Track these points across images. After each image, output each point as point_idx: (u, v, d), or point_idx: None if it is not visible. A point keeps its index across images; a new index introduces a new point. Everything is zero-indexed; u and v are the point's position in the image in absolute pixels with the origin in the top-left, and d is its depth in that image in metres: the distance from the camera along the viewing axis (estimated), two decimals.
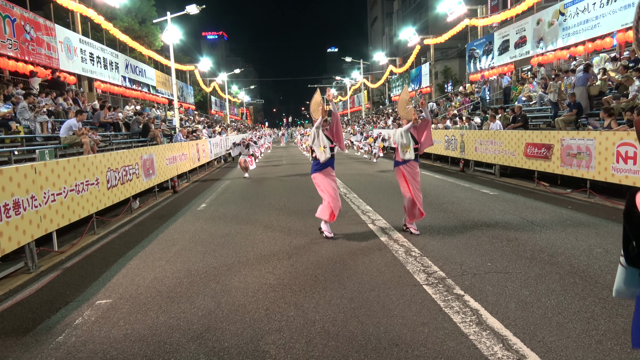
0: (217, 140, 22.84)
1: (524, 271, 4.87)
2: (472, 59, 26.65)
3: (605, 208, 8.11)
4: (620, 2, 14.46)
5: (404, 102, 6.96)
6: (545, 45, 19.02)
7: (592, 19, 15.94)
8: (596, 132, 9.03)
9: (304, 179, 14.22)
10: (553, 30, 18.39)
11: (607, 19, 15.14)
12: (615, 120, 9.68)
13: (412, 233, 6.64)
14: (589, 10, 16.06)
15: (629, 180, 7.97)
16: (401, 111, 6.96)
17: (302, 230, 7.25)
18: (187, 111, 35.56)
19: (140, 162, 10.23)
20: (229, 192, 12.29)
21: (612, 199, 8.57)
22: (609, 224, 6.90)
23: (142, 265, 5.75)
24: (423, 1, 58.88)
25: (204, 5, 19.75)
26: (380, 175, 14.15)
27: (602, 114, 10.18)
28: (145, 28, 32.14)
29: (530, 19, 20.17)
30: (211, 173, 18.35)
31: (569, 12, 17.26)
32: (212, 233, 7.35)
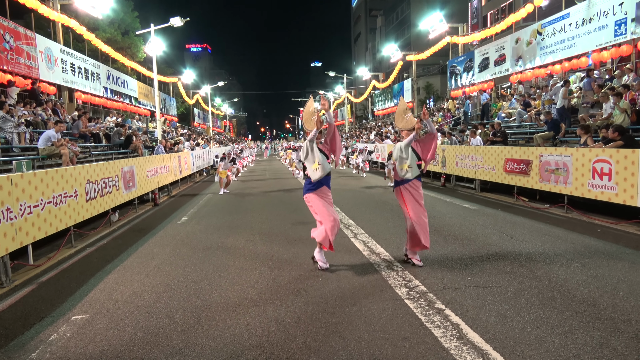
0: (200, 153, 22.68)
1: (503, 285, 4.93)
2: (454, 75, 27.15)
3: (582, 223, 8.28)
4: (595, 23, 14.95)
5: (402, 112, 6.13)
6: (523, 63, 19.51)
7: (569, 39, 16.43)
8: (573, 148, 9.25)
9: (287, 194, 14.20)
10: (531, 49, 18.88)
11: (583, 39, 15.63)
12: (591, 137, 9.94)
13: (414, 265, 5.72)
14: (565, 31, 16.56)
15: (604, 196, 8.16)
16: (399, 123, 6.11)
17: (285, 244, 7.22)
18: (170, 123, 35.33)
19: (120, 174, 10.10)
20: (210, 205, 12.19)
21: (589, 214, 8.75)
22: (586, 238, 7.03)
23: (120, 280, 5.64)
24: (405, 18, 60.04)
25: (187, 18, 19.78)
26: (365, 191, 14.21)
27: (578, 131, 10.45)
28: (128, 39, 32.00)
29: (509, 37, 20.69)
30: (193, 186, 18.18)
31: (546, 32, 17.77)
32: (193, 247, 7.26)
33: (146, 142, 17.95)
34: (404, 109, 6.12)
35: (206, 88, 48.99)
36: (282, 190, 15.02)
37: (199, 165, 21.85)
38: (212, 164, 24.82)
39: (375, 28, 76.35)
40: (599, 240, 6.89)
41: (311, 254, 6.52)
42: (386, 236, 7.50)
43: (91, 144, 14.71)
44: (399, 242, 7.05)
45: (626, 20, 13.62)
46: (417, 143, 5.93)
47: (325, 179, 5.73)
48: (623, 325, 3.86)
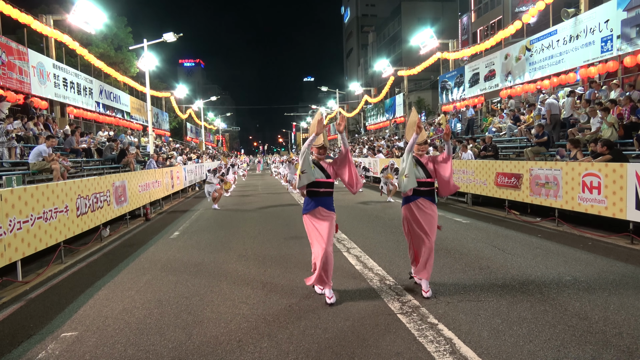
0: (192, 167, 22.64)
1: (496, 299, 4.93)
2: (444, 90, 27.44)
3: (573, 236, 8.33)
4: (582, 40, 15.24)
5: (412, 124, 5.52)
6: (513, 78, 19.78)
7: (557, 55, 16.70)
8: (562, 162, 9.36)
9: (280, 209, 14.18)
10: (520, 64, 19.17)
11: (570, 55, 15.90)
12: (580, 151, 10.06)
13: (416, 283, 5.41)
14: (553, 47, 16.85)
15: (594, 210, 8.24)
16: (409, 136, 5.54)
17: (277, 258, 7.19)
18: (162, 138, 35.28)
19: (111, 189, 10.04)
20: (202, 219, 12.13)
21: (579, 228, 8.82)
22: (577, 252, 7.08)
23: (110, 296, 5.57)
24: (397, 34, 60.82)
25: (181, 34, 19.89)
26: (360, 206, 14.21)
27: (568, 145, 10.58)
28: (121, 54, 32.10)
29: (499, 53, 21.00)
30: (185, 201, 18.10)
31: (535, 48, 18.07)
32: (185, 262, 7.21)
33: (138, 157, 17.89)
34: (415, 122, 5.57)
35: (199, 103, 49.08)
36: (275, 205, 14.99)
37: (191, 179, 21.79)
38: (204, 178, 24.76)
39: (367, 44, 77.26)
40: (590, 254, 6.93)
41: (305, 269, 6.49)
42: (379, 250, 7.50)
43: (83, 158, 14.64)
44: (392, 256, 7.05)
45: (612, 37, 13.90)
46: (431, 162, 5.36)
47: (323, 199, 5.06)
48: (614, 339, 3.88)
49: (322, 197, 5.08)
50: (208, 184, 14.62)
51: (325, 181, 5.09)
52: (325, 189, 5.11)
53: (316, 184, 5.07)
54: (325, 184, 5.10)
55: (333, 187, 5.21)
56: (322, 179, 5.08)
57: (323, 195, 5.09)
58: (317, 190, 5.08)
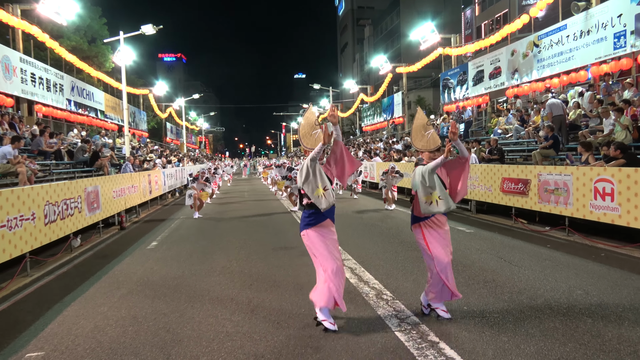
0: (172, 171, 22.55)
1: (502, 315, 4.94)
2: (446, 89, 27.62)
3: (585, 247, 8.40)
4: (593, 35, 15.41)
5: (420, 127, 5.19)
6: (520, 76, 19.95)
7: (566, 52, 16.89)
8: (573, 167, 9.44)
9: (268, 217, 14.17)
10: (527, 61, 19.35)
11: (581, 52, 16.08)
12: (592, 155, 10.15)
13: (439, 317, 4.91)
14: (563, 43, 17.03)
15: (607, 218, 8.31)
16: (418, 141, 5.18)
17: (264, 271, 7.17)
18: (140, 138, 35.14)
19: (83, 195, 9.97)
20: (183, 228, 12.07)
21: (591, 237, 8.89)
22: (589, 263, 7.13)
23: (81, 312, 5.52)
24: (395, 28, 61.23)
25: (161, 26, 19.88)
26: (355, 215, 14.22)
27: (579, 149, 10.67)
28: (95, 48, 31.98)
29: (505, 49, 21.19)
30: (164, 208, 18.01)
31: (543, 44, 18.26)
32: (163, 275, 7.16)
33: (113, 159, 17.80)
34: (424, 124, 5.12)
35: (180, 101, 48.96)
36: (263, 213, 14.97)
37: (171, 184, 21.69)
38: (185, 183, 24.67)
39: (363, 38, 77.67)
40: (603, 266, 6.99)
41: (295, 282, 6.47)
42: (376, 262, 7.50)
43: (52, 161, 14.52)
44: (390, 268, 7.06)
45: (625, 33, 14.07)
46: (442, 169, 5.03)
47: (331, 210, 4.82)
48: (629, 358, 3.90)
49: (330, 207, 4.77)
50: (189, 190, 14.55)
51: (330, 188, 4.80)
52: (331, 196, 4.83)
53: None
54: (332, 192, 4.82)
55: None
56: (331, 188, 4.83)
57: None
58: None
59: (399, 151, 22.51)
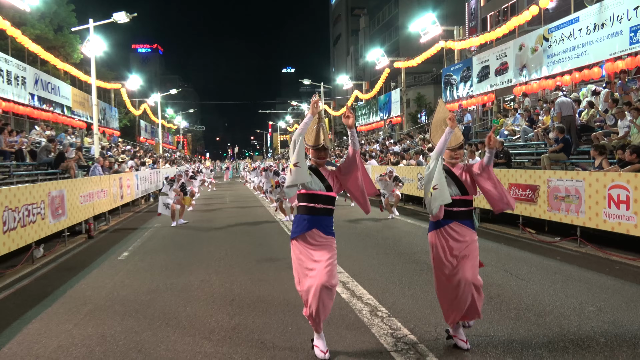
0: (146, 174, 22.45)
1: (507, 334, 4.97)
2: (449, 86, 27.82)
3: (598, 259, 8.47)
4: (608, 29, 15.62)
5: (441, 122, 4.97)
6: (528, 73, 20.15)
7: (579, 46, 17.09)
8: (585, 172, 9.53)
9: (252, 226, 14.15)
10: (537, 56, 19.56)
11: (595, 47, 16.28)
12: (606, 160, 10.26)
13: (456, 346, 4.64)
14: (575, 37, 17.24)
15: (622, 228, 8.39)
16: (437, 138, 4.92)
17: (247, 285, 7.15)
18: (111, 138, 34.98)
19: (47, 200, 9.90)
20: (158, 238, 12.02)
21: (605, 249, 8.97)
22: (602, 277, 7.19)
23: (43, 330, 5.47)
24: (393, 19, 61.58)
25: (135, 14, 19.82)
26: (348, 224, 14.24)
27: (592, 152, 10.78)
28: (62, 37, 31.78)
29: (512, 43, 21.40)
30: (137, 215, 17.91)
31: (554, 37, 18.47)
32: (135, 289, 7.13)
33: (80, 161, 17.69)
34: (445, 119, 4.86)
35: (156, 96, 48.86)
36: (246, 221, 14.95)
37: (144, 189, 21.59)
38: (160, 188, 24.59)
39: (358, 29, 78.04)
40: (617, 280, 7.05)
41: (281, 297, 6.47)
42: (370, 275, 7.51)
43: (12, 162, 14.40)
44: (385, 282, 7.07)
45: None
46: (468, 173, 4.82)
47: (320, 219, 4.54)
48: None
49: (319, 215, 4.54)
50: (164, 196, 14.27)
51: (323, 194, 4.56)
52: (324, 204, 4.56)
53: (311, 197, 4.55)
54: (324, 198, 4.56)
55: (334, 202, 4.69)
56: (320, 192, 4.56)
57: (320, 213, 4.55)
58: (312, 206, 4.55)
59: (396, 154, 22.62)
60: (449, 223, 4.69)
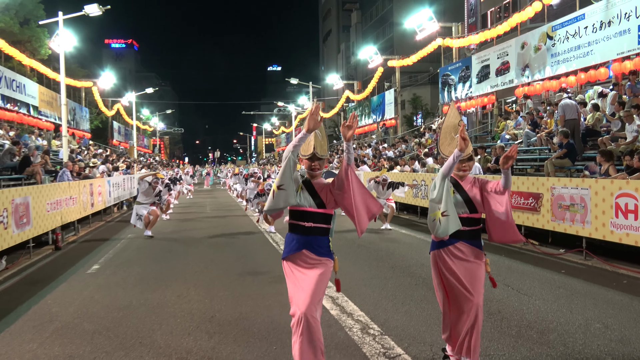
0: (119, 180, 22.31)
1: (508, 353, 5.00)
2: (446, 86, 28.00)
3: (604, 272, 8.55)
4: (615, 27, 15.81)
5: (451, 129, 4.72)
6: (531, 73, 20.34)
7: (584, 45, 17.29)
8: (592, 179, 9.63)
9: (234, 237, 14.11)
10: (540, 56, 19.75)
11: (601, 46, 16.47)
12: (613, 166, 10.38)
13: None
14: (580, 35, 17.44)
15: (630, 239, 8.48)
16: (445, 147, 4.71)
17: (228, 301, 7.13)
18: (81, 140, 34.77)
19: (10, 208, 9.80)
20: (132, 249, 11.94)
21: (612, 262, 9.06)
22: (609, 292, 7.26)
23: (4, 350, 5.41)
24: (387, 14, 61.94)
25: (108, 6, 19.76)
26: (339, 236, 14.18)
27: (598, 158, 10.90)
28: (29, 31, 31.60)
29: (514, 41, 21.60)
30: (108, 224, 17.79)
31: (558, 35, 18.67)
32: (107, 305, 7.07)
33: (47, 165, 17.56)
34: (455, 125, 4.65)
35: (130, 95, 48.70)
36: (228, 232, 14.90)
37: (117, 196, 21.46)
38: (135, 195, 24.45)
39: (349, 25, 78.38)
40: (625, 295, 7.12)
41: (265, 314, 6.45)
42: (361, 290, 7.52)
43: None
44: (378, 297, 7.09)
45: None
46: (477, 187, 4.63)
47: (310, 239, 4.26)
48: None
49: (310, 235, 4.24)
50: (138, 205, 14.07)
51: (314, 212, 4.26)
52: (315, 223, 4.26)
53: (300, 215, 4.27)
54: (315, 216, 4.26)
55: (330, 221, 4.39)
56: (310, 208, 4.26)
57: (311, 233, 4.25)
58: (301, 225, 4.27)
59: (390, 159, 22.70)
60: (455, 243, 4.49)
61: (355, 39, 72.80)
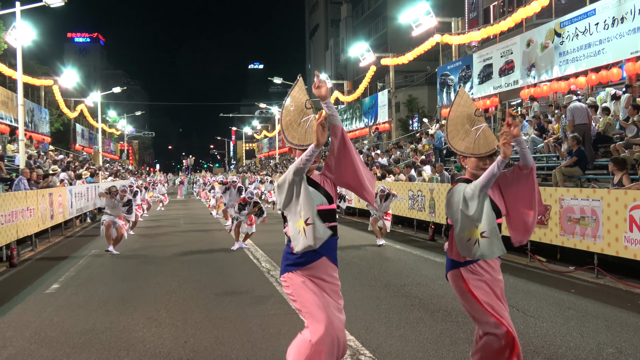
0: (82, 190, 22.15)
1: None
2: (445, 87, 28.16)
3: (618, 292, 8.62)
4: (628, 24, 15.99)
5: (464, 119, 4.56)
6: (538, 73, 20.51)
7: (595, 43, 17.47)
8: (604, 190, 9.69)
9: (211, 254, 14.06)
10: (547, 54, 19.93)
11: (614, 44, 16.65)
12: (627, 175, 10.45)
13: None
14: (591, 32, 17.64)
15: None
16: (458, 141, 4.55)
17: (204, 323, 7.09)
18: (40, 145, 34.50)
19: None
20: (95, 267, 11.85)
21: (626, 280, 9.12)
22: (623, 313, 7.31)
23: None
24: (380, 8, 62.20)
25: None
26: None
27: (610, 167, 10.98)
28: None
29: (519, 39, 21.78)
30: (71, 238, 17.65)
31: (567, 32, 18.86)
32: (67, 329, 7.01)
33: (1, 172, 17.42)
34: (470, 114, 4.53)
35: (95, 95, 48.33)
36: (204, 247, 14.86)
37: (80, 207, 21.30)
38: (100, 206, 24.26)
39: (338, 19, 78.60)
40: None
41: (244, 338, 6.42)
42: (352, 312, 7.48)
43: None
44: (370, 320, 7.08)
45: None
46: (497, 187, 4.46)
47: (327, 244, 4.15)
48: None
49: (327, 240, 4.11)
50: (106, 215, 13.92)
51: (326, 209, 4.21)
52: (329, 222, 4.19)
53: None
54: (326, 214, 4.20)
55: (336, 217, 4.43)
56: (323, 206, 4.18)
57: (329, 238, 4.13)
58: None
59: (383, 166, 22.76)
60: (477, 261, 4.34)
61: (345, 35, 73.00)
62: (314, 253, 4.11)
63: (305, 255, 4.11)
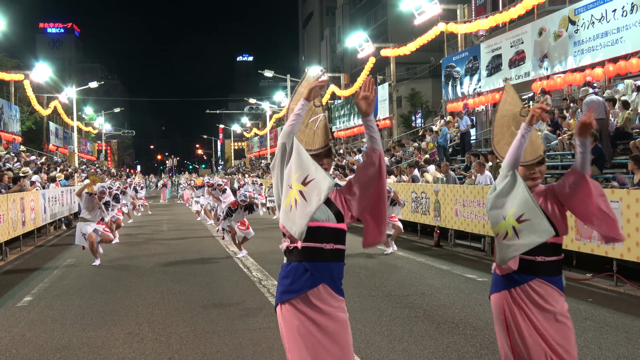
0: (56, 193, 22.11)
1: None
2: (450, 79, 28.15)
3: (639, 301, 8.63)
4: None
5: (510, 119, 4.39)
6: (551, 64, 20.51)
7: (613, 32, 17.49)
8: (623, 191, 9.71)
9: (196, 263, 14.04)
10: (561, 44, 19.93)
11: (632, 32, 16.67)
12: None
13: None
14: (608, 20, 17.66)
15: None
16: (502, 145, 4.32)
17: (190, 339, 7.09)
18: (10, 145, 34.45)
19: None
20: (72, 277, 11.83)
21: None
22: None
23: None
24: None
25: None
26: None
27: (630, 165, 11.00)
28: None
29: (530, 27, 21.79)
30: (44, 247, 17.61)
31: (582, 20, 18.87)
32: (40, 345, 6.99)
33: None
34: (516, 114, 4.36)
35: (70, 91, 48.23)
36: (190, 256, 14.83)
37: (54, 212, 21.25)
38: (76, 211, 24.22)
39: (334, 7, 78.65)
40: None
41: (234, 354, 6.42)
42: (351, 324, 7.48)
43: None
44: (370, 333, 7.08)
45: None
46: (550, 200, 4.11)
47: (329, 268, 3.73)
48: None
49: (329, 261, 3.73)
50: (83, 222, 13.81)
51: (332, 227, 3.75)
52: (335, 243, 3.74)
53: (315, 233, 3.64)
54: (333, 234, 3.75)
55: (345, 239, 3.88)
56: (328, 223, 3.72)
57: (330, 258, 3.73)
58: (317, 248, 3.69)
59: None
60: (529, 280, 3.91)
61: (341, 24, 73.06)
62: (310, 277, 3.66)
63: (299, 282, 3.66)
